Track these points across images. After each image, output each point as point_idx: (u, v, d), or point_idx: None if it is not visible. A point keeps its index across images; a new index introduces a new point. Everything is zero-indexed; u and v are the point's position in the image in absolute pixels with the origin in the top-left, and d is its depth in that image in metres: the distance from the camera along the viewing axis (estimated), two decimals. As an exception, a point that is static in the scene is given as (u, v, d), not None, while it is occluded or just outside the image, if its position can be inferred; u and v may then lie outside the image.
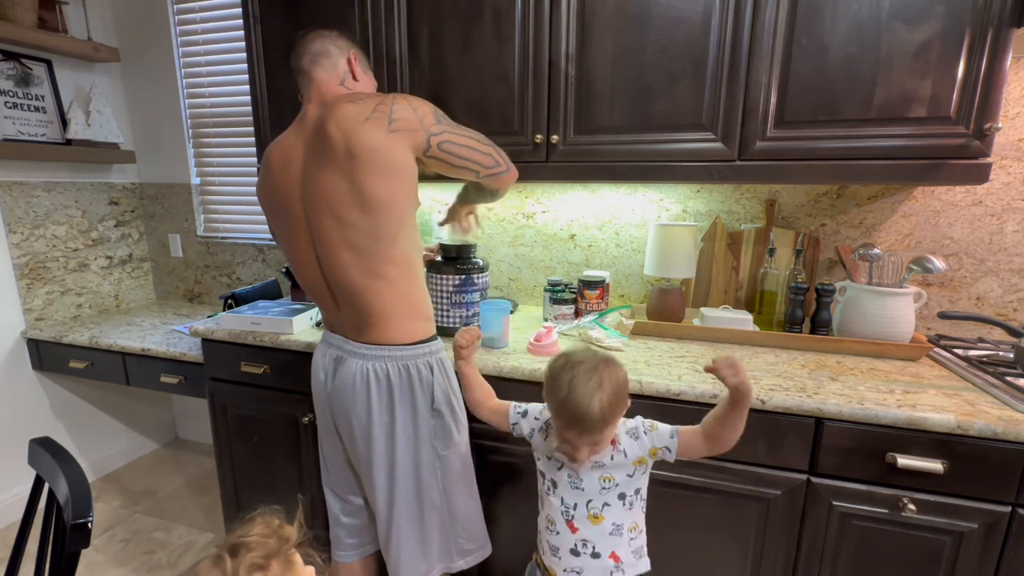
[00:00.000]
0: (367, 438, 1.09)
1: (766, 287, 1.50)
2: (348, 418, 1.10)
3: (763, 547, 1.17)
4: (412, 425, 1.08)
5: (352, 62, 1.11)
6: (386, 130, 0.99)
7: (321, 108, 1.06)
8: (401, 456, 1.08)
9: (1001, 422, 0.96)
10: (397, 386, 1.06)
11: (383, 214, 1.00)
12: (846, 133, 1.21)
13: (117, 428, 2.36)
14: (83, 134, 2.04)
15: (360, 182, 0.98)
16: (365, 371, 1.07)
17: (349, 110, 1.00)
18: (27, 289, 1.98)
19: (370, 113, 1.00)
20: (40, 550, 0.87)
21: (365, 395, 1.07)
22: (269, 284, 2.01)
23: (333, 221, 1.01)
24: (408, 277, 1.06)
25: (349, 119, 0.99)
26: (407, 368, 1.07)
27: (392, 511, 1.11)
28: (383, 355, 1.06)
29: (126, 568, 1.75)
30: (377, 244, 1.02)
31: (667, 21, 1.27)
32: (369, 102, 1.02)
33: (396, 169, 1.00)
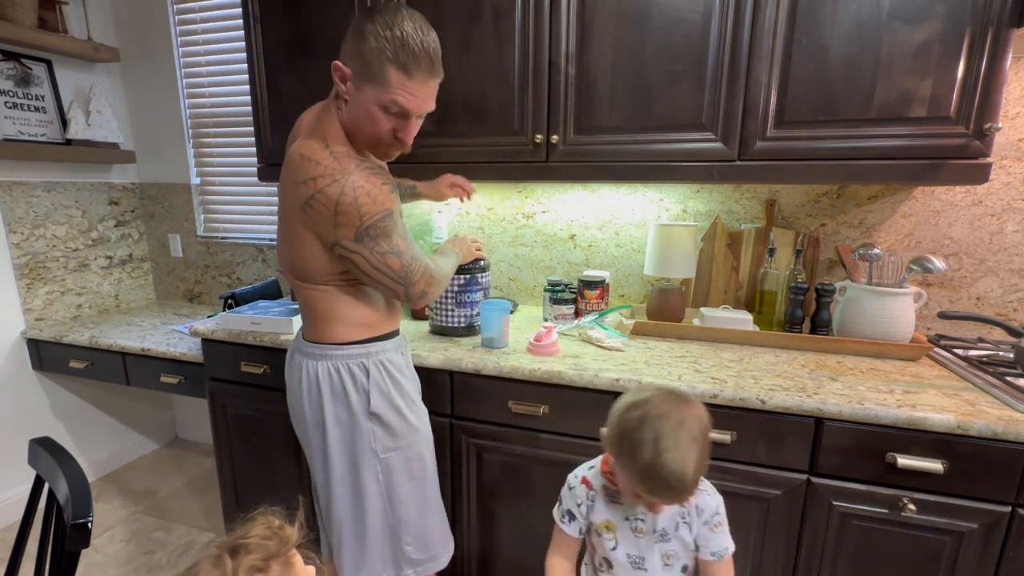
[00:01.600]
0: (304, 438, 1.10)
1: (766, 287, 1.50)
2: (293, 414, 1.12)
3: (763, 547, 1.17)
4: (348, 427, 1.06)
5: (339, 71, 0.95)
6: (300, 207, 0.94)
7: (308, 118, 1.06)
8: (335, 458, 1.07)
9: (1001, 422, 0.96)
10: (327, 386, 1.05)
11: (311, 258, 1.00)
12: (846, 133, 1.21)
13: (117, 428, 2.36)
14: (83, 134, 2.04)
15: (284, 223, 1.00)
16: (303, 368, 1.07)
17: (293, 163, 0.95)
18: (27, 289, 1.98)
19: (299, 181, 0.93)
20: (40, 550, 0.87)
21: (299, 392, 1.07)
22: (269, 284, 2.01)
23: (283, 238, 1.03)
24: (335, 293, 1.04)
25: (287, 174, 0.96)
26: (338, 369, 1.04)
27: (330, 513, 1.10)
28: (317, 353, 1.05)
29: (126, 568, 1.75)
30: (310, 272, 1.02)
31: (667, 21, 1.27)
32: (309, 168, 0.93)
33: (304, 241, 0.98)
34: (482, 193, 1.86)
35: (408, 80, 0.92)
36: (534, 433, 1.28)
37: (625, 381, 1.16)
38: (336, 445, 1.06)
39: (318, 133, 0.97)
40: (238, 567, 0.52)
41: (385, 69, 0.90)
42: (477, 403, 1.31)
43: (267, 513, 0.59)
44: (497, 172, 1.48)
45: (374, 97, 0.93)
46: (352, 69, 0.93)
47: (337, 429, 1.06)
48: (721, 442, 1.13)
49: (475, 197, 1.85)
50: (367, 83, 0.92)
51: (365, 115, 0.95)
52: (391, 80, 0.91)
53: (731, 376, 1.18)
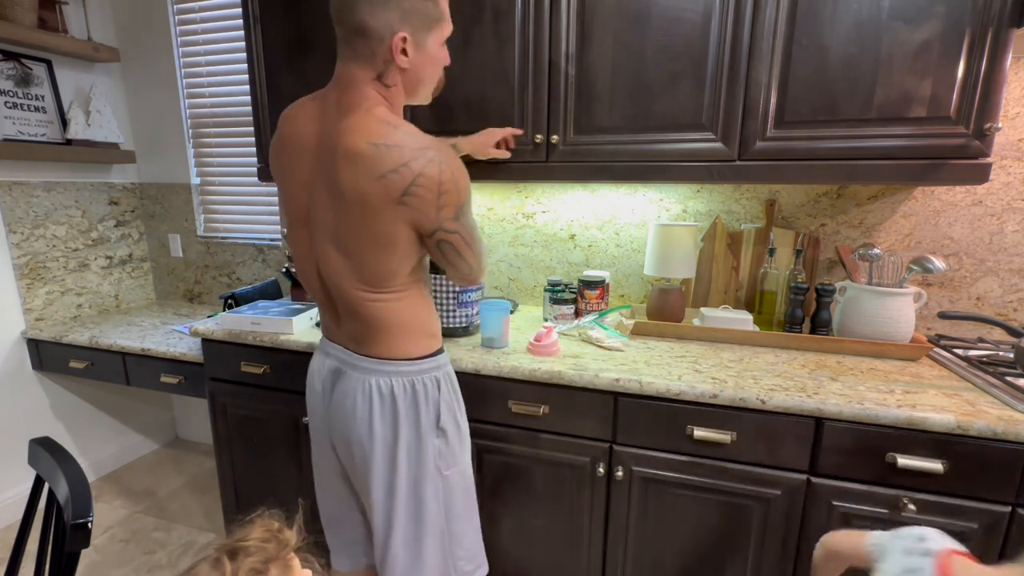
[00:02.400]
0: (366, 457, 1.01)
1: (766, 287, 1.50)
2: (346, 435, 1.02)
3: (763, 547, 1.17)
4: (416, 445, 1.00)
5: (400, 45, 0.86)
6: (396, 200, 0.85)
7: (340, 113, 0.90)
8: (402, 477, 1.00)
9: (1001, 422, 0.96)
10: (402, 403, 0.98)
11: (389, 259, 0.93)
12: (846, 133, 1.21)
13: (117, 428, 2.36)
14: (83, 134, 2.04)
15: (361, 227, 0.89)
16: (367, 387, 0.98)
17: (366, 155, 0.84)
18: (27, 289, 1.98)
19: (388, 171, 0.84)
20: (40, 550, 0.87)
21: (367, 412, 0.99)
22: (269, 284, 2.01)
23: (340, 255, 0.93)
24: (413, 297, 0.98)
25: (363, 170, 0.84)
26: (412, 384, 0.99)
27: (390, 532, 1.03)
28: (388, 370, 0.98)
29: (126, 568, 1.75)
30: (383, 280, 0.95)
31: (667, 21, 1.27)
32: (394, 155, 0.84)
33: (397, 239, 0.90)
34: (482, 193, 1.86)
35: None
36: (534, 433, 1.28)
37: (625, 381, 1.17)
38: (405, 465, 1.00)
39: (374, 117, 0.87)
40: (237, 569, 0.51)
41: (437, 4, 0.89)
42: (477, 403, 1.31)
43: (266, 516, 0.59)
44: (497, 172, 1.48)
45: (438, 39, 0.92)
46: (411, 32, 0.87)
47: (407, 449, 1.00)
48: (721, 442, 1.13)
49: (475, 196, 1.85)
50: (428, 32, 0.90)
51: (431, 63, 0.93)
52: (443, 9, 0.91)
53: (731, 376, 1.18)
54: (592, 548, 1.30)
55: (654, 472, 1.21)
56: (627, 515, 1.25)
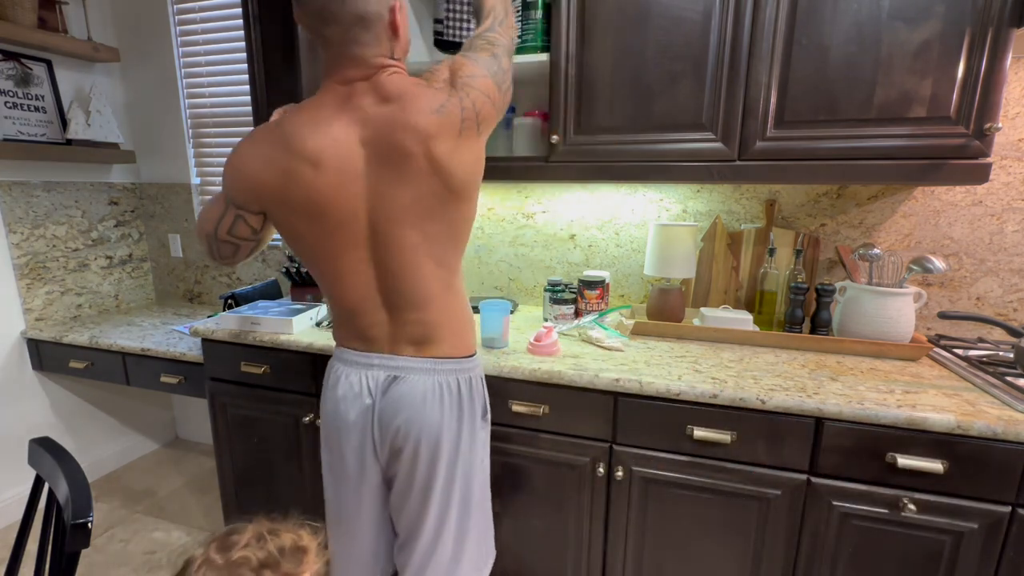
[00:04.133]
0: (434, 458, 0.99)
1: (766, 287, 1.50)
2: (416, 437, 0.97)
3: (763, 547, 1.17)
4: (471, 439, 1.03)
5: (399, 16, 0.89)
6: (458, 131, 0.89)
7: (376, 96, 0.89)
8: (460, 473, 1.02)
9: (1001, 422, 0.96)
10: (466, 400, 1.02)
11: (463, 220, 0.96)
12: (846, 133, 1.21)
13: (117, 428, 2.36)
14: (83, 134, 2.04)
15: (446, 192, 0.91)
16: (437, 386, 0.98)
17: (421, 106, 0.87)
18: (27, 289, 1.98)
19: (439, 106, 0.87)
20: (40, 550, 0.87)
21: (439, 411, 0.98)
22: (269, 284, 2.01)
23: (417, 233, 0.92)
24: (462, 286, 1.03)
25: (423, 122, 0.86)
26: (469, 380, 1.03)
27: (442, 527, 1.02)
28: (453, 368, 1.00)
29: (126, 568, 1.75)
30: (454, 253, 0.98)
31: (667, 21, 1.27)
32: (438, 90, 0.89)
33: (474, 171, 0.94)
34: (482, 193, 1.86)
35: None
36: (534, 433, 1.28)
37: (625, 381, 1.17)
38: (466, 459, 1.03)
39: (413, 88, 0.90)
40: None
41: None
42: (477, 403, 1.31)
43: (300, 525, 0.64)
44: (497, 172, 1.48)
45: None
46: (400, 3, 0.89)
47: (470, 443, 1.03)
48: (721, 442, 1.13)
49: None
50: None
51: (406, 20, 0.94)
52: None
53: (731, 376, 1.18)
54: (592, 548, 1.30)
55: (654, 472, 1.21)
56: (627, 515, 1.25)
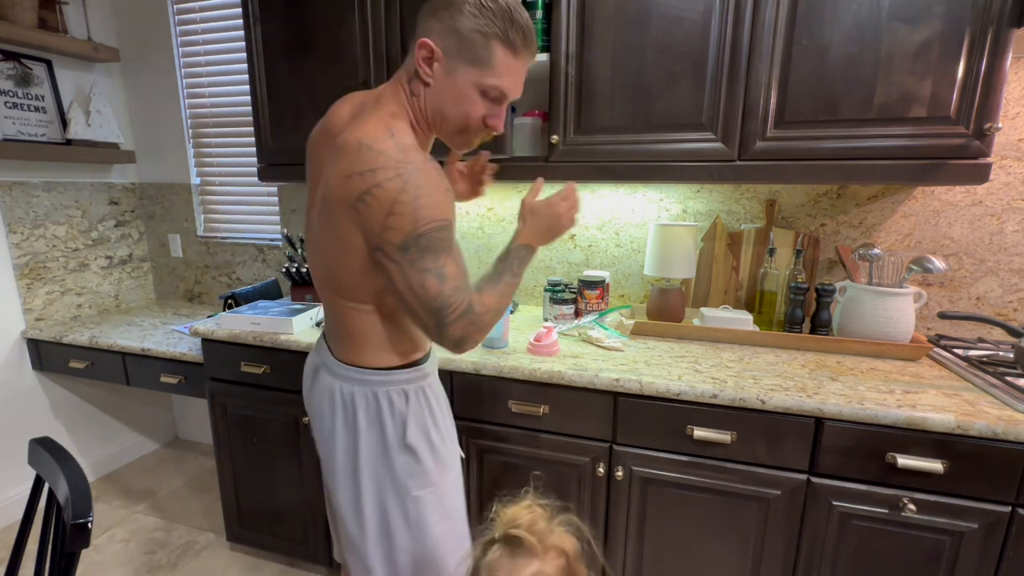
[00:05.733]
0: (330, 463, 0.97)
1: (766, 287, 1.50)
2: (317, 435, 1.00)
3: (763, 547, 1.17)
4: (382, 460, 0.94)
5: (422, 52, 0.82)
6: (349, 203, 0.80)
7: (362, 108, 0.87)
8: (368, 492, 0.95)
9: (1001, 422, 0.96)
10: (363, 414, 0.93)
11: (339, 265, 0.88)
12: (846, 133, 1.21)
13: (117, 428, 2.36)
14: (83, 134, 2.04)
15: (326, 227, 0.86)
16: (333, 391, 0.95)
17: (349, 152, 0.80)
18: (27, 289, 1.98)
19: (355, 173, 0.78)
20: (40, 550, 0.87)
21: (331, 418, 0.95)
22: (269, 284, 2.01)
23: (313, 244, 0.91)
24: (382, 316, 0.92)
25: (342, 165, 0.80)
26: (376, 395, 0.93)
27: (364, 546, 0.98)
28: (352, 376, 0.93)
29: (126, 568, 1.75)
30: (339, 277, 0.90)
31: (667, 21, 1.27)
32: (369, 158, 0.78)
33: (350, 247, 0.84)
34: (482, 193, 1.86)
35: (515, 60, 0.83)
36: (534, 433, 1.28)
37: (625, 381, 1.17)
38: (369, 480, 0.95)
39: (381, 119, 0.83)
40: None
41: (492, 48, 0.81)
42: (477, 403, 1.31)
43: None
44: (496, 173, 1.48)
45: (473, 79, 0.83)
46: (444, 48, 0.81)
47: (369, 463, 0.95)
48: (721, 442, 1.13)
49: None
50: (464, 64, 0.82)
51: (456, 99, 0.84)
52: (497, 61, 0.81)
53: (731, 376, 1.18)
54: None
55: (654, 472, 1.21)
56: (627, 515, 1.25)
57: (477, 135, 0.90)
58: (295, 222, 2.13)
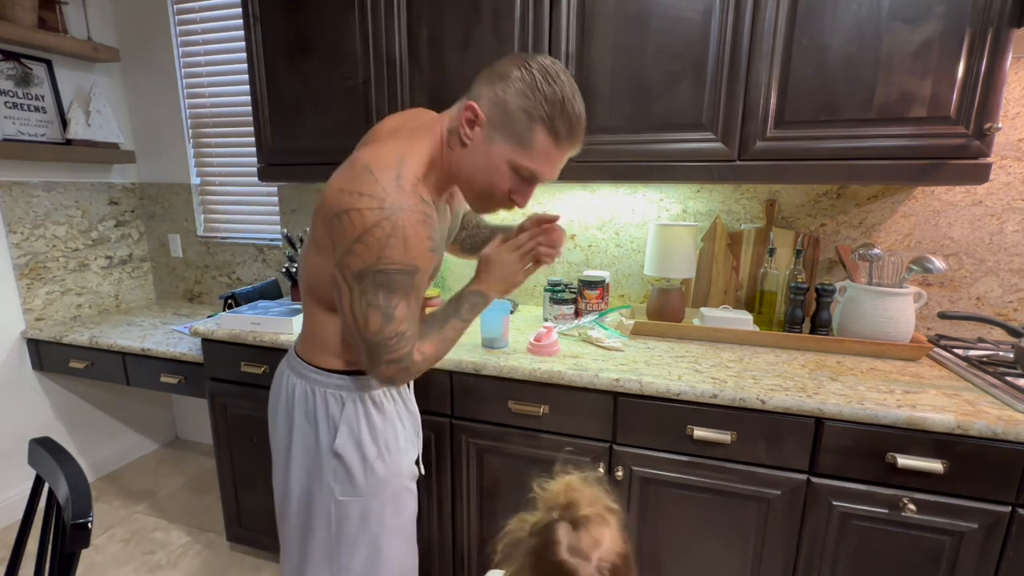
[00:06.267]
0: (273, 449, 1.03)
1: (766, 287, 1.50)
2: (270, 424, 1.05)
3: (763, 547, 1.17)
4: (313, 458, 0.95)
5: (468, 114, 0.82)
6: (335, 211, 0.80)
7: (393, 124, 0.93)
8: (295, 483, 0.98)
9: (1001, 422, 0.96)
10: (299, 408, 0.95)
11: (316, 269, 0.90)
12: (846, 133, 1.21)
13: (117, 428, 2.36)
14: (83, 134, 2.04)
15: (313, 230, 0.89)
16: (283, 379, 0.99)
17: (352, 172, 0.80)
18: (27, 289, 1.98)
19: (352, 189, 0.78)
20: (40, 550, 0.87)
21: (275, 403, 1.01)
22: (269, 284, 2.01)
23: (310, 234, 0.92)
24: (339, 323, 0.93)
25: (340, 178, 0.81)
26: (314, 393, 0.94)
27: (284, 533, 1.02)
28: (300, 371, 0.96)
29: (126, 568, 1.75)
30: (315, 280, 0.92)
31: (667, 21, 1.27)
32: (365, 183, 0.78)
33: (322, 249, 0.86)
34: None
35: (555, 148, 0.82)
36: (534, 433, 1.28)
37: (625, 381, 1.16)
38: (297, 470, 0.98)
39: (402, 148, 0.83)
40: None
41: (534, 131, 0.80)
42: (477, 403, 1.31)
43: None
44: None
45: (507, 154, 0.82)
46: (489, 117, 0.81)
47: (302, 457, 0.97)
48: (721, 442, 1.13)
49: None
50: (504, 137, 0.81)
51: (486, 167, 0.84)
52: (536, 144, 0.81)
53: (731, 376, 1.18)
54: (592, 548, 1.30)
55: (654, 472, 1.21)
56: (627, 515, 1.25)
57: (499, 205, 0.90)
58: (295, 222, 2.13)
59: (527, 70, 0.79)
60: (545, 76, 0.79)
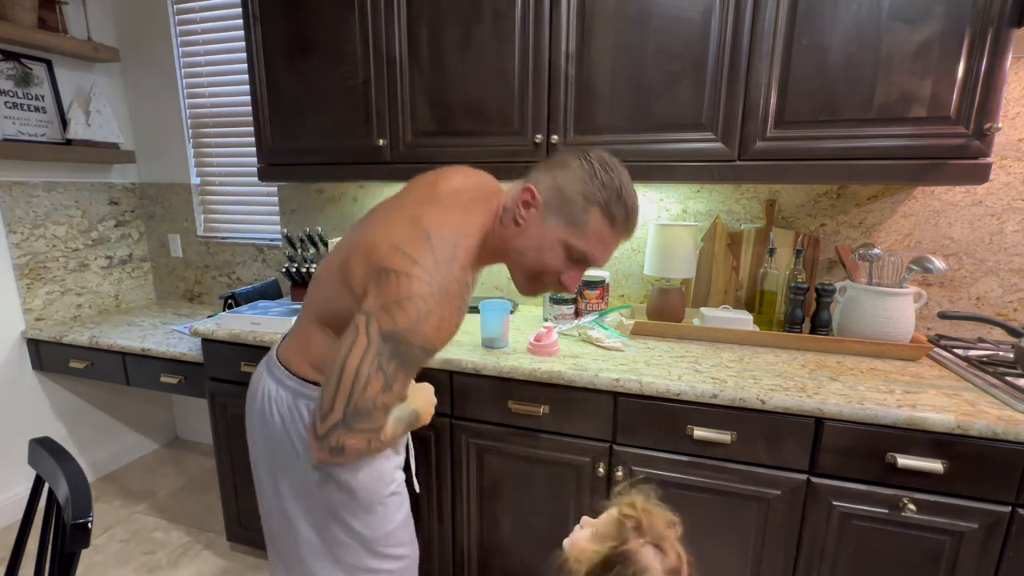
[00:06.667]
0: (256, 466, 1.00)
1: (766, 287, 1.50)
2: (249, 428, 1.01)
3: (763, 547, 1.17)
4: (293, 466, 0.93)
5: (525, 196, 0.85)
6: (379, 265, 0.80)
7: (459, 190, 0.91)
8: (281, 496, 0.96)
9: (1001, 422, 0.96)
10: (278, 414, 0.92)
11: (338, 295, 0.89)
12: (846, 133, 1.21)
13: (117, 428, 2.36)
14: (83, 134, 2.04)
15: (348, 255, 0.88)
16: (260, 384, 0.96)
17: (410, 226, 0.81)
18: (27, 289, 1.98)
19: (404, 251, 0.79)
20: (40, 550, 0.87)
21: (252, 406, 0.97)
22: (269, 284, 2.01)
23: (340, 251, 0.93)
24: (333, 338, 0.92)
25: (396, 232, 0.82)
26: (296, 405, 0.91)
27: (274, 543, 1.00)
28: (281, 378, 0.94)
29: (126, 568, 1.75)
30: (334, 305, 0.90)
31: (667, 21, 1.27)
32: (419, 248, 0.79)
33: (352, 286, 0.85)
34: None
35: (609, 233, 0.85)
36: (534, 433, 1.28)
37: (625, 381, 1.16)
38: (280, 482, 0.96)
39: (460, 224, 0.84)
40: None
41: (590, 214, 0.83)
42: (477, 403, 1.31)
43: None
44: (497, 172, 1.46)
45: (560, 234, 0.85)
46: (546, 200, 0.85)
47: (285, 466, 0.94)
48: (721, 442, 1.13)
49: None
50: (559, 219, 0.84)
51: (539, 247, 0.86)
52: (591, 226, 0.84)
53: (731, 376, 1.18)
54: (592, 548, 1.30)
55: (654, 472, 1.21)
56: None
57: (547, 287, 0.92)
58: (295, 222, 2.13)
59: (587, 160, 0.84)
60: (603, 165, 0.83)
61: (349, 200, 2.03)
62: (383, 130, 1.55)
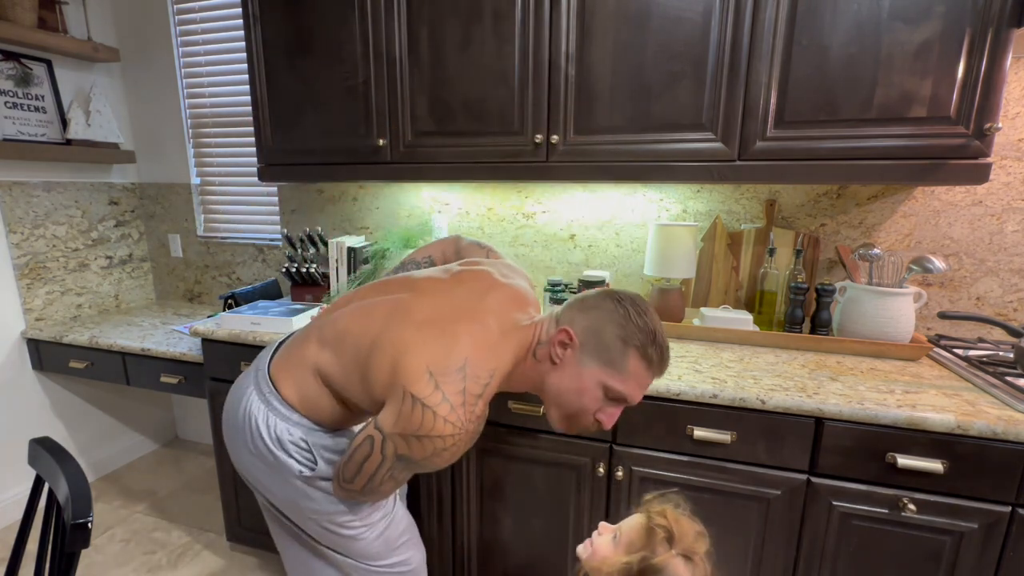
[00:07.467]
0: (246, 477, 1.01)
1: (766, 287, 1.50)
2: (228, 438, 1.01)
3: (763, 547, 1.17)
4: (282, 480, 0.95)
5: (561, 337, 0.87)
6: (405, 386, 0.81)
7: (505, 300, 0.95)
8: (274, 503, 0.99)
9: (1001, 422, 0.96)
10: (263, 433, 0.93)
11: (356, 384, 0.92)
12: (846, 133, 1.21)
13: (117, 428, 2.36)
14: (83, 134, 2.04)
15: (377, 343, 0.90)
16: (243, 399, 0.96)
17: (448, 346, 0.83)
18: (27, 289, 1.98)
19: (437, 383, 0.80)
20: (40, 550, 0.87)
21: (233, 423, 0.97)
22: (269, 284, 2.01)
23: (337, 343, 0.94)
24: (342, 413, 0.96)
25: (436, 348, 0.83)
26: (276, 424, 0.93)
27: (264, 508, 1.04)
28: (268, 399, 0.94)
29: (126, 568, 1.75)
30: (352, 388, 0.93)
31: (667, 21, 1.27)
32: (452, 384, 0.81)
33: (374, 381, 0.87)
34: (482, 193, 1.86)
35: (646, 373, 0.87)
36: (534, 433, 1.28)
37: (625, 381, 1.16)
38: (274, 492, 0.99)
39: (494, 361, 0.86)
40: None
41: (628, 356, 0.86)
42: (477, 403, 1.31)
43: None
44: (497, 172, 1.48)
45: (599, 376, 0.87)
46: (583, 342, 0.87)
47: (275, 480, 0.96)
48: (721, 442, 1.13)
49: (475, 197, 1.85)
50: (596, 361, 0.86)
51: (578, 389, 0.88)
52: (630, 368, 0.86)
53: (731, 376, 1.18)
54: (592, 548, 1.30)
55: (654, 472, 1.21)
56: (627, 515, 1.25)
57: (583, 425, 0.92)
58: (295, 222, 2.13)
59: (620, 304, 0.87)
60: (637, 310, 0.87)
61: (349, 200, 2.03)
62: (383, 130, 1.55)
